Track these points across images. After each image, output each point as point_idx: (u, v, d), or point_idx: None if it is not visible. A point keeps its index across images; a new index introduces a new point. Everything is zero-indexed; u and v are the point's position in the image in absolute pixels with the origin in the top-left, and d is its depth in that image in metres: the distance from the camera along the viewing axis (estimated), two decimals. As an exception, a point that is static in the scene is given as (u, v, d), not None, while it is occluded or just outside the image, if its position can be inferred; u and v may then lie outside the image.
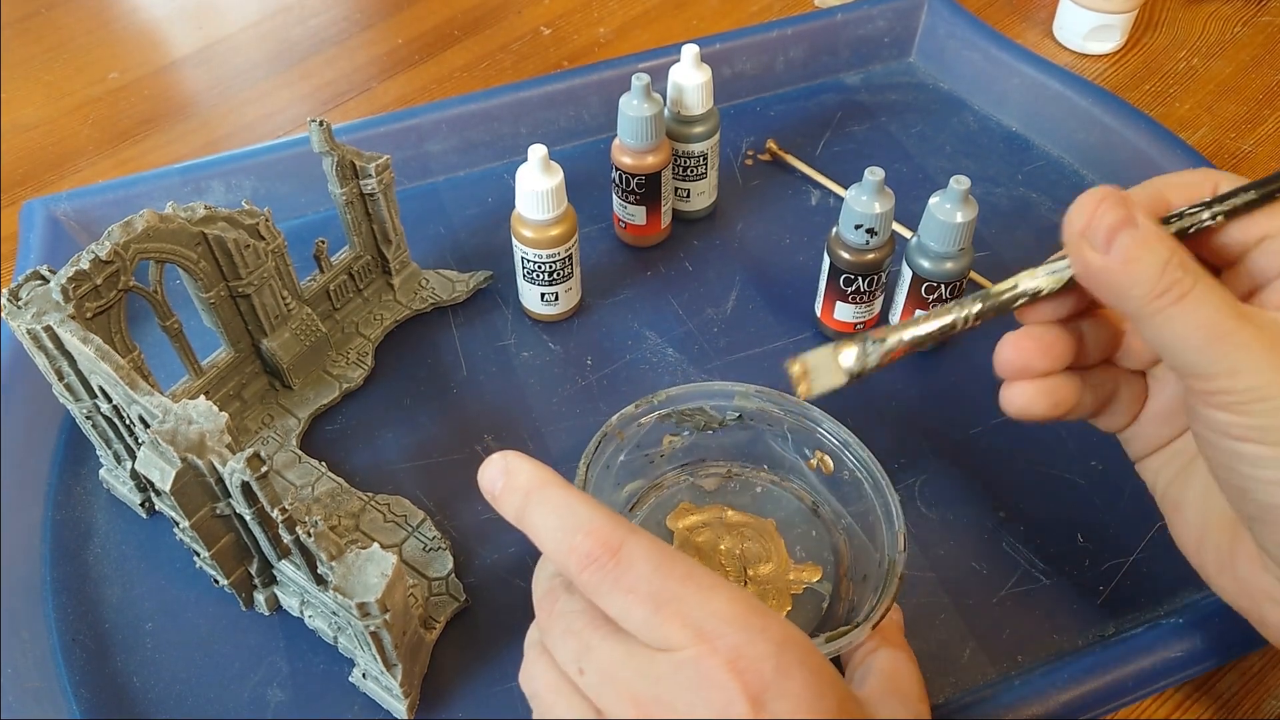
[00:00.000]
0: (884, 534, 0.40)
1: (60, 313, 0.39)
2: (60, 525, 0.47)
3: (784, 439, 0.45)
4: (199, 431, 0.36)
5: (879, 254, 0.49)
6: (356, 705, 0.41)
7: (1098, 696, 0.39)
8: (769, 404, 0.44)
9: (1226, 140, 0.67)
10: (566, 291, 0.54)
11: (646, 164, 0.55)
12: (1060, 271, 0.33)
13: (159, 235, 0.42)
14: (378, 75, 0.74)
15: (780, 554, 0.44)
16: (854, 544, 0.43)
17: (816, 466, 0.44)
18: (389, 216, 0.52)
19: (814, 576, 0.43)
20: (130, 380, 0.38)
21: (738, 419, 0.45)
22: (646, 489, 0.46)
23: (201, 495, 0.37)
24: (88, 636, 0.43)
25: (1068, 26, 0.74)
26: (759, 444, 0.46)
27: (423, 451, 0.49)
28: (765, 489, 0.47)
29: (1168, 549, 0.39)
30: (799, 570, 0.44)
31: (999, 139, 0.66)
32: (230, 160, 0.60)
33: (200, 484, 0.36)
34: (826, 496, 0.45)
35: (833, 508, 0.45)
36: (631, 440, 0.44)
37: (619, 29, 0.78)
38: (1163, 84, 0.71)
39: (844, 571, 0.43)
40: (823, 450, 0.43)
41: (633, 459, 0.45)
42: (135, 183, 0.58)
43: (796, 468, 0.46)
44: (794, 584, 0.43)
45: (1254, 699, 0.42)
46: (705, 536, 0.44)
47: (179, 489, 0.36)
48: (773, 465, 0.47)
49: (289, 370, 0.50)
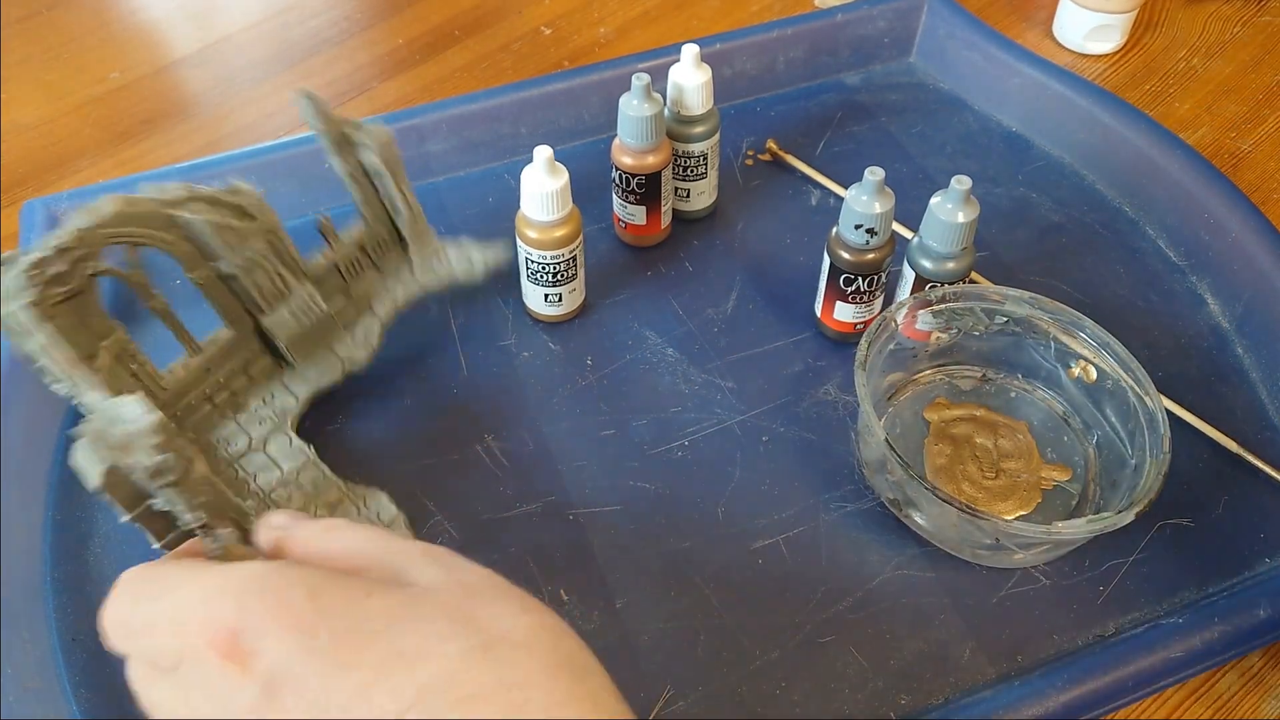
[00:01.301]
0: (1144, 438, 0.42)
1: (20, 300, 0.38)
2: (60, 525, 0.47)
3: (1046, 347, 0.48)
4: (124, 432, 0.35)
5: (879, 254, 0.49)
6: (357, 705, 0.41)
7: (1098, 696, 0.39)
8: (1038, 311, 0.47)
9: (1226, 140, 0.67)
10: (570, 292, 0.54)
11: (647, 164, 0.55)
12: None
13: (126, 220, 0.41)
14: (378, 75, 0.74)
15: (1032, 453, 0.47)
16: (1104, 453, 0.46)
17: (1078, 376, 0.47)
18: (400, 192, 0.50)
19: (1064, 476, 0.47)
20: (72, 373, 0.38)
21: (1004, 324, 0.48)
22: (905, 382, 0.50)
23: (134, 492, 0.36)
24: (88, 636, 0.43)
25: (1068, 26, 0.74)
26: (1018, 351, 0.49)
27: (423, 451, 0.49)
28: (1019, 395, 0.50)
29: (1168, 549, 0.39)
30: (1050, 469, 0.47)
31: (999, 139, 0.66)
32: (230, 160, 0.60)
33: (131, 482, 0.36)
34: (1082, 405, 0.48)
35: (1085, 418, 0.47)
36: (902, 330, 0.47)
37: (619, 29, 0.78)
38: (1163, 84, 0.71)
39: (1092, 476, 0.46)
40: (1085, 359, 0.46)
41: (899, 350, 0.48)
42: (136, 183, 0.58)
43: (1053, 377, 0.49)
44: (1044, 480, 0.46)
45: (1254, 699, 0.42)
46: (961, 429, 0.48)
47: (109, 485, 0.35)
48: (1027, 374, 0.50)
49: (288, 348, 0.49)
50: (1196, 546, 0.45)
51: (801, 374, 0.53)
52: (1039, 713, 0.38)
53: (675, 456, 0.49)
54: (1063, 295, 0.55)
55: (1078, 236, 0.60)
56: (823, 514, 0.47)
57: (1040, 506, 0.46)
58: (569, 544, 0.46)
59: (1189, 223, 0.58)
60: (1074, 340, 0.47)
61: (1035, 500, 0.46)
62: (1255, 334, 0.53)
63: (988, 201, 0.62)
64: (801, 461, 0.49)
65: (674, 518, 0.47)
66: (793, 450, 0.49)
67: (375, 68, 0.75)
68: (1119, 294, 0.56)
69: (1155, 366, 0.52)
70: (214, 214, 0.44)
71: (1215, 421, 0.49)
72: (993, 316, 0.49)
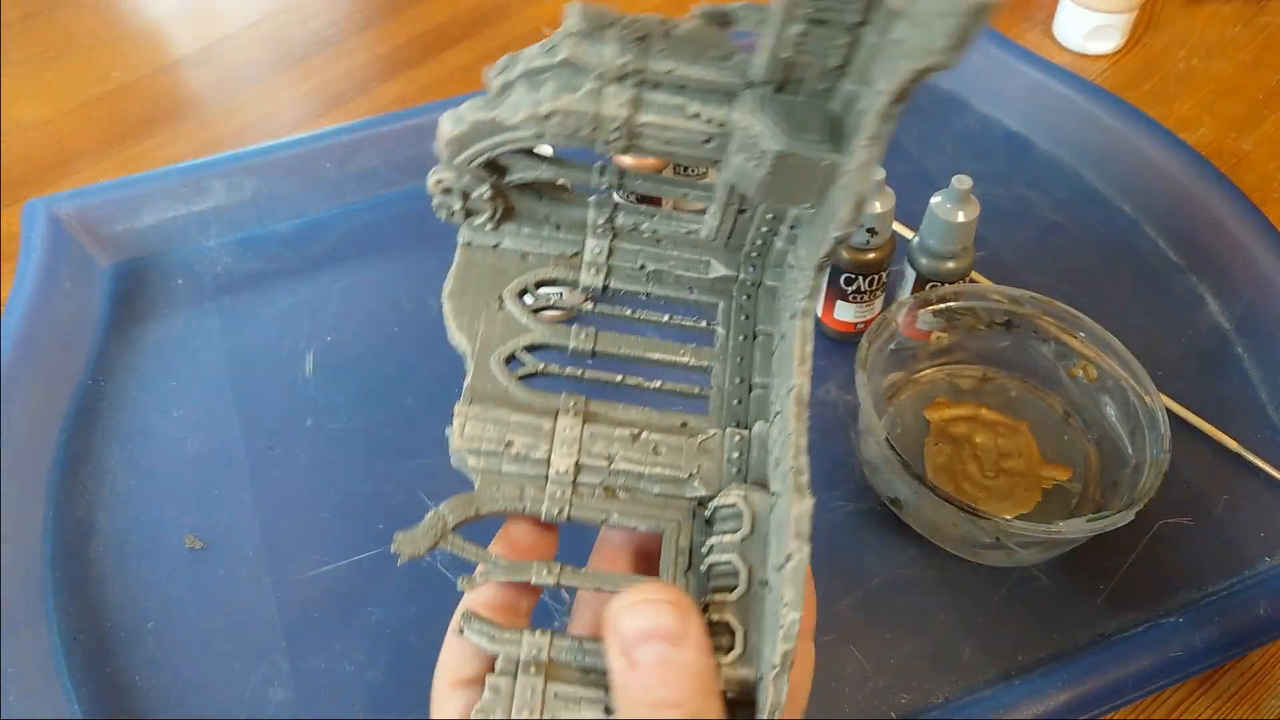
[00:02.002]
0: (1144, 437, 0.42)
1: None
2: (60, 525, 0.47)
3: (1046, 347, 0.48)
4: None
5: (880, 254, 0.49)
6: (356, 705, 0.41)
7: (1098, 696, 0.39)
8: (1038, 311, 0.47)
9: (1226, 140, 0.67)
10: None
11: (647, 164, 0.55)
12: None
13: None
14: (378, 75, 0.74)
15: (1032, 452, 0.47)
16: (1104, 452, 0.46)
17: (1079, 375, 0.47)
18: None
19: (1064, 475, 0.47)
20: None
21: (1005, 323, 0.48)
22: (905, 381, 0.50)
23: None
24: (89, 635, 0.43)
25: (1068, 26, 0.74)
26: (1018, 351, 0.49)
27: (423, 451, 0.49)
28: (1019, 394, 0.50)
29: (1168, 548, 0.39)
30: (1050, 468, 0.47)
31: (999, 139, 0.66)
32: (231, 160, 0.60)
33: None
34: (1082, 405, 0.48)
35: (1085, 418, 0.48)
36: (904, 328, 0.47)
37: (619, 29, 0.78)
38: (1163, 84, 0.71)
39: (1092, 475, 0.46)
40: (1085, 359, 0.46)
41: (899, 350, 0.48)
42: (137, 182, 0.58)
43: (1053, 376, 0.49)
44: (1045, 479, 0.46)
45: (1254, 698, 0.42)
46: (962, 429, 0.48)
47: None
48: (1028, 373, 0.50)
49: None
50: (1196, 546, 0.45)
51: (801, 374, 0.53)
52: (1039, 712, 0.38)
53: (675, 456, 0.49)
54: (1063, 295, 0.55)
55: (1078, 236, 0.60)
56: (823, 514, 0.47)
57: (1040, 506, 0.46)
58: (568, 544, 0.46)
59: (1189, 223, 0.58)
60: (1074, 340, 0.47)
61: (1035, 500, 0.46)
62: (1255, 334, 0.53)
63: (988, 201, 0.62)
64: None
65: (674, 517, 0.47)
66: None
67: (375, 68, 0.75)
68: (1119, 294, 0.56)
69: (1155, 366, 0.52)
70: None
71: (1215, 421, 0.49)
72: (993, 316, 0.49)
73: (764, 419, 0.28)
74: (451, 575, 0.45)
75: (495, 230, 0.32)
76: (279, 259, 0.59)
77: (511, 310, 0.31)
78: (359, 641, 0.43)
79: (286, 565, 0.46)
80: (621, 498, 0.28)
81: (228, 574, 0.46)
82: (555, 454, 0.28)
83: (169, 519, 0.47)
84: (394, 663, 0.42)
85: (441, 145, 0.29)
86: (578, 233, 0.32)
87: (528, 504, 0.27)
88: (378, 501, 0.48)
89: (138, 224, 0.58)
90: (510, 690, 0.24)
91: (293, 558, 0.46)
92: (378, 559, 0.46)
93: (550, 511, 0.27)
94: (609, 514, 0.27)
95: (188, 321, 0.56)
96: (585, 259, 0.32)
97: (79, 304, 0.55)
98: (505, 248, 0.32)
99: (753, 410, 0.29)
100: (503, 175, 0.30)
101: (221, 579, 0.45)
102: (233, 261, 0.59)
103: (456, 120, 0.29)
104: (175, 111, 0.72)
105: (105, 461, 0.50)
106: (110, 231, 0.58)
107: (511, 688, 0.24)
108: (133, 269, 0.59)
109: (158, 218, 0.58)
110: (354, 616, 0.44)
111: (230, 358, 0.54)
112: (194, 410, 0.52)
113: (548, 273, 0.32)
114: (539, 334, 0.31)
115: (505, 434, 0.28)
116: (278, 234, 0.61)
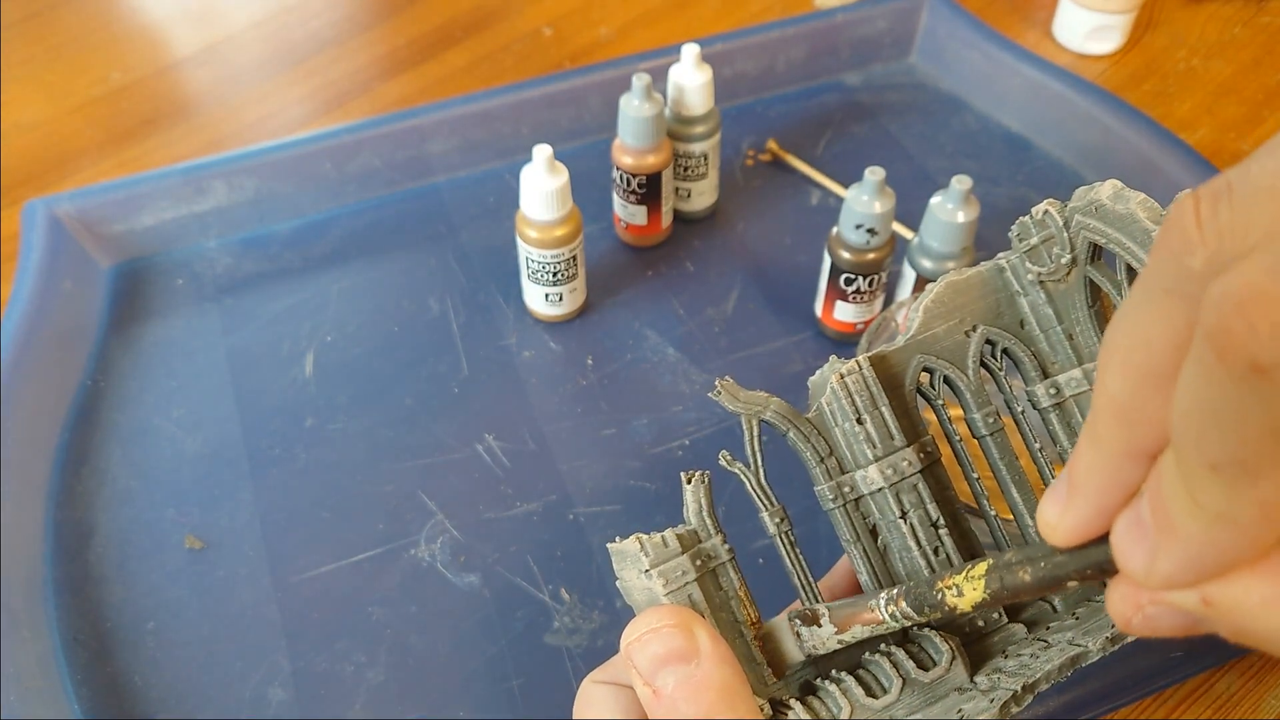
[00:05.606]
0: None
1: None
2: (60, 525, 0.47)
3: None
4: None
5: (879, 254, 0.49)
6: (357, 705, 0.41)
7: (1098, 696, 0.39)
8: None
9: (1226, 140, 0.67)
10: (571, 292, 0.54)
11: (647, 164, 0.55)
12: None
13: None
14: (379, 75, 0.74)
15: None
16: None
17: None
18: None
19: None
20: None
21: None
22: None
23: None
24: (89, 636, 0.43)
25: (1068, 27, 0.74)
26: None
27: (423, 451, 0.49)
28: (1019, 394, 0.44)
29: (1168, 549, 0.39)
30: (1051, 467, 0.44)
31: (999, 139, 0.67)
32: (232, 160, 0.60)
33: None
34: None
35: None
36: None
37: (620, 29, 0.78)
38: (1163, 84, 0.71)
39: None
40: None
41: None
42: (137, 183, 0.58)
43: None
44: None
45: (1254, 699, 0.42)
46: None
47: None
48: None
49: None
50: (1196, 546, 0.45)
51: (802, 374, 0.53)
52: (1039, 713, 0.38)
53: (676, 456, 0.49)
54: (1063, 295, 0.55)
55: (1078, 236, 0.60)
56: (824, 514, 0.47)
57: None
58: (569, 544, 0.46)
59: (1189, 223, 0.57)
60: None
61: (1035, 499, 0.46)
62: (1255, 334, 0.53)
63: (988, 201, 0.62)
64: (802, 461, 0.49)
65: (674, 518, 0.47)
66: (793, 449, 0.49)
67: (375, 68, 0.75)
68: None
69: (1155, 366, 0.52)
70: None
71: (1215, 421, 0.49)
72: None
73: None
74: (451, 575, 0.45)
75: None
76: (279, 259, 0.59)
77: None
78: (359, 641, 0.43)
79: (286, 565, 0.46)
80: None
81: (228, 574, 0.46)
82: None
83: (169, 519, 0.47)
84: (394, 663, 0.42)
85: None
86: None
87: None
88: (378, 501, 0.48)
89: (138, 224, 0.58)
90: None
91: (293, 558, 0.46)
92: (378, 559, 0.46)
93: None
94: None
95: (188, 322, 0.56)
96: None
97: (79, 304, 0.55)
98: None
99: None
100: None
101: (221, 579, 0.45)
102: (233, 262, 0.59)
103: None
104: (175, 112, 0.72)
105: (105, 461, 0.50)
106: (110, 232, 0.58)
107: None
108: (133, 269, 0.59)
109: (158, 218, 0.59)
110: (354, 616, 0.44)
111: (230, 358, 0.54)
112: (194, 410, 0.52)
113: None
114: None
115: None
116: (278, 234, 0.61)
